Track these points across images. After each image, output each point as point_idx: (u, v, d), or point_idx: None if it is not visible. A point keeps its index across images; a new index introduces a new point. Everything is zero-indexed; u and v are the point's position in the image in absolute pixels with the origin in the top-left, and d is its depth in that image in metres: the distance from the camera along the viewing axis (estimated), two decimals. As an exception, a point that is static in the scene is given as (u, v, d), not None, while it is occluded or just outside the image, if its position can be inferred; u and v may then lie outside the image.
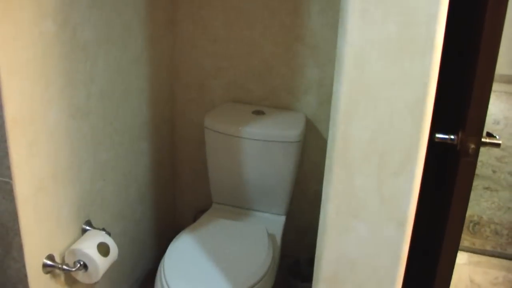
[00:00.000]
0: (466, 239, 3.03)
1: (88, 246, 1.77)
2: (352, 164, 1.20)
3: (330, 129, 1.21)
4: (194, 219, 2.51)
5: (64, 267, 1.73)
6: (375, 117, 1.14)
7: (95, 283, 1.95)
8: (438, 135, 1.41)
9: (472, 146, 1.33)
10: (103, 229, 1.90)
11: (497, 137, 1.40)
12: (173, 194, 2.71)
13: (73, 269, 1.74)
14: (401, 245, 1.23)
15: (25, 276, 1.62)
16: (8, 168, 1.49)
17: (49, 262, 1.71)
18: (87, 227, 1.89)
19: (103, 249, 1.81)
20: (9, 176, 1.51)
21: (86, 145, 1.84)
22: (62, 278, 1.80)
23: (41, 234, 1.68)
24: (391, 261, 1.25)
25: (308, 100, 2.33)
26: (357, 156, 1.18)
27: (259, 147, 2.16)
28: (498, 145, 1.39)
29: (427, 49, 1.07)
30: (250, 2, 2.26)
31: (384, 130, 1.14)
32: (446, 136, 1.41)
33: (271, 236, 2.15)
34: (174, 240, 2.04)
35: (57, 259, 1.75)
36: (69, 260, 1.76)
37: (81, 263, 1.75)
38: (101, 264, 1.78)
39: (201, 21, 2.36)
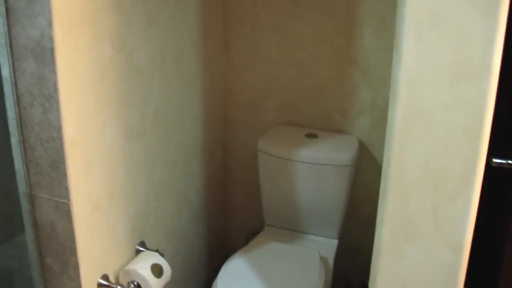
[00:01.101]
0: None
1: (142, 267, 1.79)
2: (407, 187, 1.18)
3: (385, 153, 1.21)
4: (246, 241, 2.51)
5: (118, 287, 1.75)
6: (431, 141, 1.13)
7: (148, 303, 1.97)
8: (495, 160, 1.39)
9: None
10: (157, 250, 1.92)
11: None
12: (225, 215, 2.72)
13: (127, 289, 1.76)
14: (457, 270, 1.21)
15: (81, 295, 1.66)
16: (66, 189, 1.53)
17: (103, 282, 1.73)
18: (141, 248, 1.92)
19: (157, 270, 1.83)
20: (67, 197, 1.54)
21: (140, 166, 1.86)
22: (116, 297, 1.82)
23: (96, 254, 1.70)
24: (447, 287, 1.23)
25: (361, 122, 2.32)
26: (412, 180, 1.17)
27: (312, 170, 2.16)
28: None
29: (483, 72, 1.06)
30: (303, 24, 2.27)
31: (440, 154, 1.13)
32: (504, 161, 1.39)
33: (323, 259, 2.14)
34: (227, 262, 2.04)
35: (112, 279, 1.78)
36: (123, 280, 1.79)
37: (135, 283, 1.77)
38: (154, 285, 1.79)
39: (254, 43, 2.38)
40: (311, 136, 2.29)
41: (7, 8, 1.45)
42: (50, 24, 1.39)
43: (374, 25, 2.17)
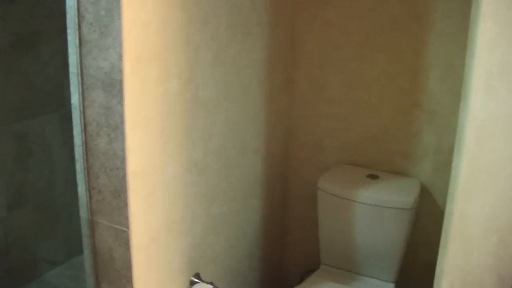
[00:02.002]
0: None
1: (196, 299, 1.80)
2: (469, 241, 1.15)
3: (448, 203, 1.18)
4: (301, 278, 2.48)
5: (171, 318, 1.76)
6: (496, 194, 1.10)
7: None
8: None
9: None
10: (211, 283, 1.92)
11: None
12: (281, 251, 2.71)
13: (180, 321, 1.76)
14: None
15: (134, 323, 1.67)
16: (126, 218, 1.55)
17: (157, 312, 1.74)
18: (196, 280, 1.92)
19: (210, 303, 1.83)
20: (127, 226, 1.56)
21: (200, 199, 1.88)
22: (169, 328, 1.83)
23: (152, 283, 1.72)
24: None
25: (424, 166, 2.28)
26: (475, 233, 1.14)
27: (372, 211, 2.13)
28: None
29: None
30: (368, 64, 2.26)
31: (505, 208, 1.10)
32: None
33: (378, 304, 2.10)
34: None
35: (165, 309, 1.79)
36: (176, 311, 1.79)
37: (188, 315, 1.77)
38: (207, 317, 1.79)
39: (319, 82, 2.38)
40: (373, 177, 2.26)
41: (80, 39, 1.50)
42: (120, 57, 1.43)
43: (441, 69, 2.14)
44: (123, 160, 1.49)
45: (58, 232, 2.94)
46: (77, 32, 1.50)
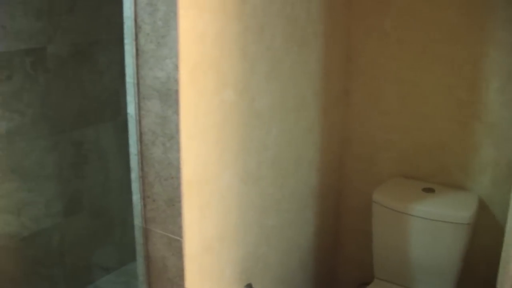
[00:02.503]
0: None
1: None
2: (530, 259, 1.12)
3: (509, 219, 1.15)
4: (354, 292, 2.46)
5: (223, 328, 1.76)
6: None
7: None
8: None
9: None
10: (263, 294, 1.91)
11: None
12: (334, 264, 2.68)
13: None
14: None
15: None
16: (180, 227, 1.56)
17: (209, 322, 1.74)
18: (248, 290, 1.92)
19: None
20: (180, 235, 1.57)
21: (254, 210, 1.87)
22: (220, 339, 1.83)
23: (204, 293, 1.72)
24: None
25: (482, 180, 2.22)
26: (536, 251, 1.10)
27: (428, 226, 2.09)
28: None
29: None
30: (425, 76, 2.22)
31: None
32: None
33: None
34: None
35: (217, 319, 1.79)
36: (228, 322, 1.79)
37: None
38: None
39: (374, 93, 2.35)
40: (429, 190, 2.22)
41: (137, 50, 1.52)
42: (176, 67, 1.44)
43: (501, 80, 2.09)
44: (178, 169, 1.50)
45: (112, 239, 2.98)
46: (134, 42, 1.52)
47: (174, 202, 1.55)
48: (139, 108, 1.55)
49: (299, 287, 2.32)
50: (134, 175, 1.62)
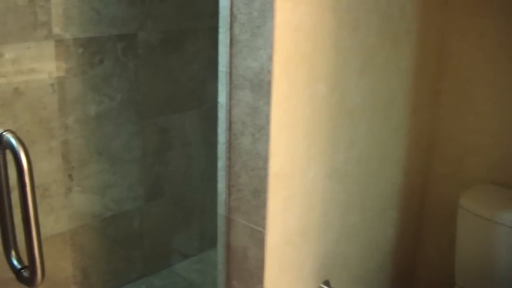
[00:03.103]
0: None
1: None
2: None
3: None
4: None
5: (299, 323, 1.75)
6: None
7: None
8: None
9: None
10: (340, 292, 1.90)
11: None
12: (413, 267, 2.62)
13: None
14: None
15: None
16: (264, 218, 1.56)
17: (285, 316, 1.74)
18: (325, 287, 1.90)
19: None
20: (263, 226, 1.57)
21: (337, 207, 1.86)
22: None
23: (282, 286, 1.72)
24: None
25: None
26: None
27: (515, 235, 2.02)
28: None
29: None
30: (523, 80, 2.15)
31: None
32: None
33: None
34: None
35: (293, 313, 1.79)
36: (305, 317, 1.78)
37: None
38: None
39: (466, 95, 2.28)
40: (519, 199, 2.15)
41: (231, 39, 1.53)
42: (270, 58, 1.44)
43: None
44: (265, 160, 1.50)
45: (191, 226, 3.02)
46: (228, 31, 1.53)
47: (259, 193, 1.55)
48: (230, 97, 1.55)
49: (375, 288, 2.30)
50: (221, 164, 1.63)
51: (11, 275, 1.32)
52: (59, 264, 2.51)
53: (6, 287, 2.27)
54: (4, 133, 1.18)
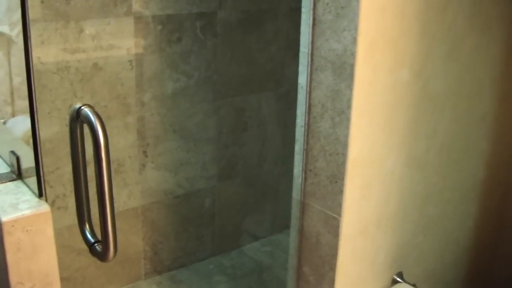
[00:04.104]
0: None
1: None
2: None
3: None
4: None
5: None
6: None
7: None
8: None
9: None
10: (414, 285, 1.84)
11: None
12: (491, 264, 2.53)
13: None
14: None
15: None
16: (340, 205, 1.52)
17: (356, 305, 1.70)
18: (398, 279, 1.85)
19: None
20: (339, 213, 1.53)
21: (414, 197, 1.79)
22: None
23: (354, 275, 1.68)
24: None
25: None
26: None
27: None
28: None
29: None
30: None
31: None
32: None
33: None
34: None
35: (365, 304, 1.74)
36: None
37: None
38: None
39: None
40: None
41: (314, 19, 1.48)
42: (354, 40, 1.39)
43: None
44: (345, 146, 1.46)
45: (263, 207, 3.01)
46: (311, 11, 1.49)
47: (336, 179, 1.51)
48: (310, 79, 1.51)
49: (450, 283, 2.22)
50: (298, 147, 1.60)
51: (84, 246, 1.33)
52: (130, 238, 2.54)
53: (79, 257, 2.32)
54: (82, 107, 1.18)
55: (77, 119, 1.20)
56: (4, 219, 1.18)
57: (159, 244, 2.66)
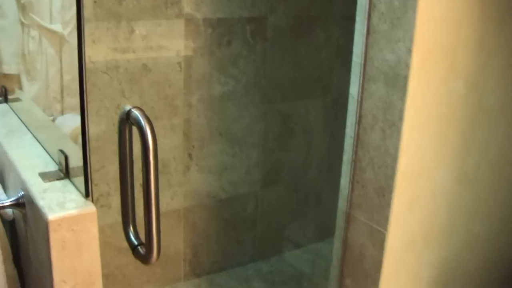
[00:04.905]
0: None
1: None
2: None
3: None
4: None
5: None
6: None
7: None
8: None
9: None
10: (459, 303, 1.80)
11: None
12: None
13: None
14: None
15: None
16: (386, 218, 1.49)
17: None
18: (443, 296, 1.81)
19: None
20: (385, 226, 1.50)
21: (463, 213, 1.75)
22: None
23: (398, 290, 1.65)
24: None
25: None
26: None
27: None
28: None
29: None
30: None
31: None
32: None
33: None
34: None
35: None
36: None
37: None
38: None
39: None
40: None
41: (368, 29, 1.46)
42: (409, 51, 1.36)
43: None
44: (394, 158, 1.43)
45: (305, 215, 2.98)
46: (366, 21, 1.46)
47: (384, 192, 1.48)
48: (362, 89, 1.49)
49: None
50: (346, 157, 1.57)
51: (125, 244, 1.33)
52: (171, 239, 2.55)
53: (119, 255, 2.33)
54: (132, 110, 1.18)
55: (126, 120, 1.20)
56: (50, 217, 1.18)
57: (199, 247, 2.66)
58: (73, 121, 1.61)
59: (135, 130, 1.19)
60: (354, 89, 1.51)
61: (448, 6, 1.41)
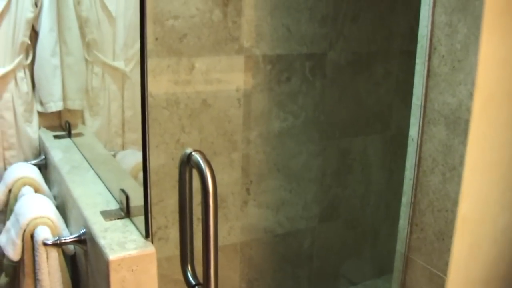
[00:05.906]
0: None
1: None
2: None
3: None
4: None
5: None
6: None
7: None
8: None
9: None
10: None
11: None
12: None
13: None
14: None
15: None
16: (446, 263, 1.46)
17: None
18: None
19: None
20: (444, 272, 1.48)
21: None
22: None
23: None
24: None
25: None
26: None
27: None
28: None
29: None
30: None
31: None
32: None
33: None
34: None
35: None
36: None
37: None
38: None
39: None
40: None
41: (428, 71, 1.45)
42: (470, 95, 1.35)
43: None
44: (455, 202, 1.41)
45: (362, 252, 2.95)
46: (426, 63, 1.45)
47: (444, 236, 1.45)
48: (422, 132, 1.47)
49: None
50: (406, 200, 1.55)
51: (181, 277, 1.34)
52: (227, 274, 2.55)
53: (176, 287, 2.35)
54: (193, 153, 1.20)
55: (187, 163, 1.22)
56: (111, 257, 1.21)
57: (255, 281, 2.65)
58: (133, 157, 1.65)
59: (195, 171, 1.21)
60: (413, 131, 1.49)
61: (511, 48, 1.39)
